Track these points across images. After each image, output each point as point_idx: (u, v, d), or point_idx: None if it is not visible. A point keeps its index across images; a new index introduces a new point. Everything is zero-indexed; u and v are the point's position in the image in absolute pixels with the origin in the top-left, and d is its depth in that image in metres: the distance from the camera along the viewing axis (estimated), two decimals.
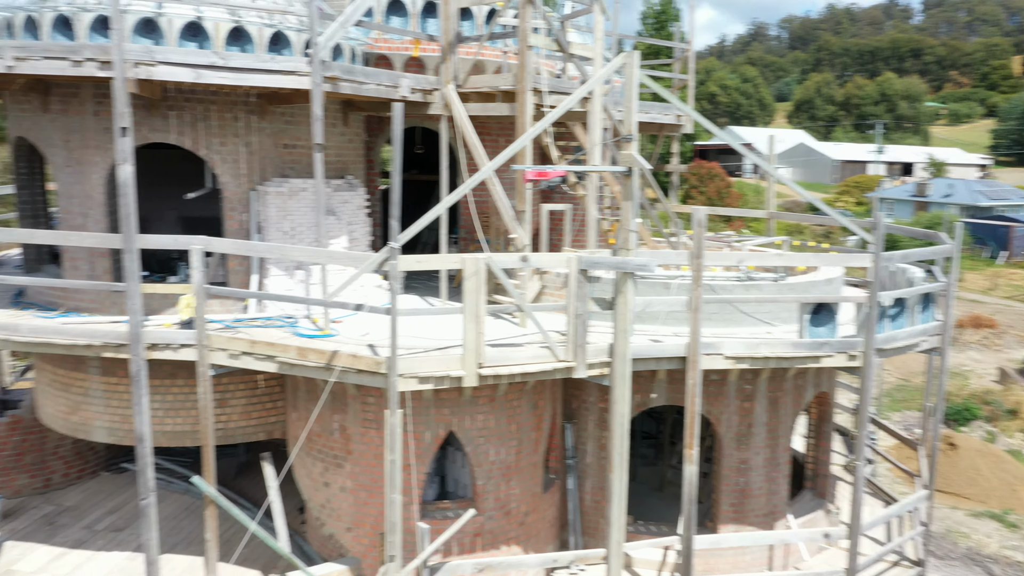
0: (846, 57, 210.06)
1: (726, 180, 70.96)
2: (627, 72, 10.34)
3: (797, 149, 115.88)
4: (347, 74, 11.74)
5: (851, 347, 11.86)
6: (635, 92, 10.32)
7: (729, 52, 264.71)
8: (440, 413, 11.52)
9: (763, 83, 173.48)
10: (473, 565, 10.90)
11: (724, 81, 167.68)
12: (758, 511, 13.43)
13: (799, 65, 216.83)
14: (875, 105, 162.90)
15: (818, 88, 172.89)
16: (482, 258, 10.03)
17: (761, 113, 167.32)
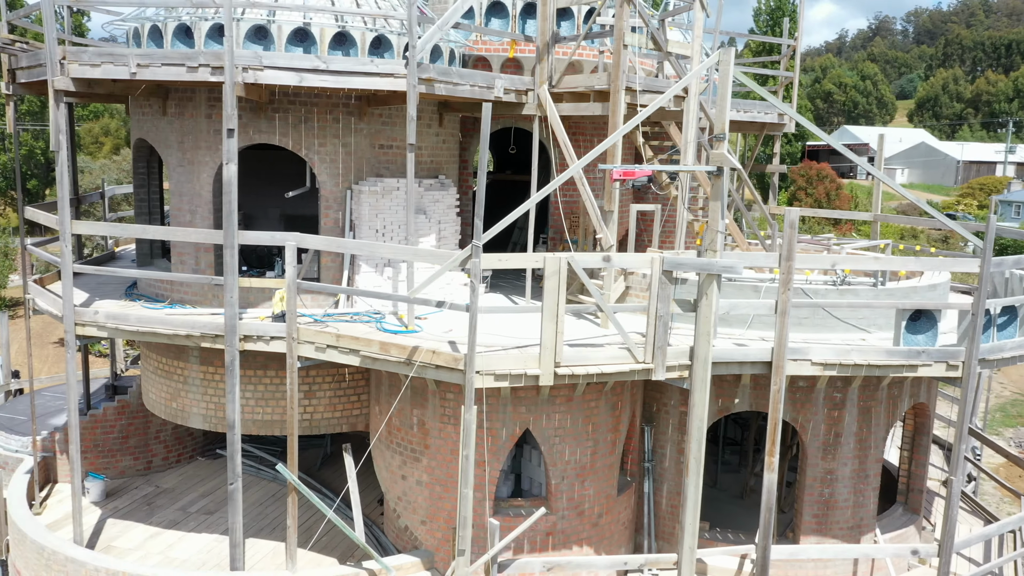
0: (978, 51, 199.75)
1: (836, 182, 68.69)
2: (722, 70, 10.25)
3: (917, 149, 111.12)
4: (443, 76, 12.03)
5: (951, 357, 11.42)
6: (728, 90, 10.23)
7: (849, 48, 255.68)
8: (517, 411, 11.68)
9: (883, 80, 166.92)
10: (542, 563, 11.04)
11: (841, 79, 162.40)
12: (843, 524, 13.08)
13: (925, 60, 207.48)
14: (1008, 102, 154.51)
15: (944, 84, 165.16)
16: (563, 257, 10.14)
17: (880, 112, 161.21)
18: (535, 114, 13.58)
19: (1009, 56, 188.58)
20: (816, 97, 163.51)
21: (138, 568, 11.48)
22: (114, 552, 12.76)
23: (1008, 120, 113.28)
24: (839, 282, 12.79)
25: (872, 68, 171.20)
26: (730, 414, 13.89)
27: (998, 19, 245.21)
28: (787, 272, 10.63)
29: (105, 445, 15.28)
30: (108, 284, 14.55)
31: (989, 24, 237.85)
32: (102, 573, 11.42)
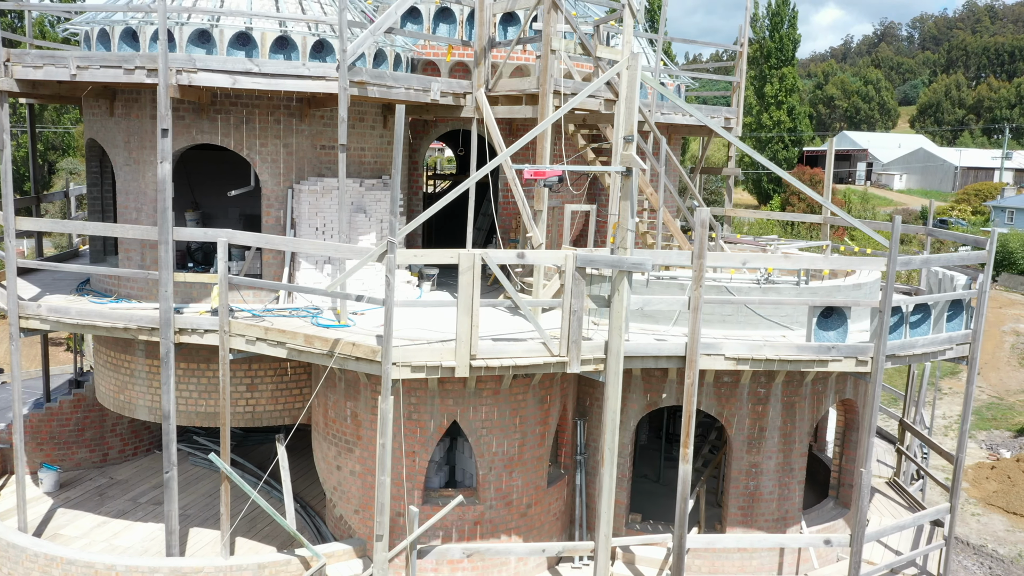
0: (982, 57, 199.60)
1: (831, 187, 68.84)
2: (629, 75, 10.65)
3: (915, 155, 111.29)
4: (375, 79, 12.46)
5: (861, 352, 11.79)
6: (636, 93, 10.62)
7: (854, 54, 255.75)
8: (444, 403, 12.08)
9: (886, 86, 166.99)
10: (461, 549, 11.43)
11: (844, 84, 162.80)
12: (768, 516, 13.44)
13: (929, 66, 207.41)
14: (1010, 109, 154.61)
15: (946, 90, 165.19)
16: (477, 253, 10.54)
17: (882, 117, 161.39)
18: (473, 116, 13.99)
19: (1013, 62, 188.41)
20: (819, 102, 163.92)
21: (76, 554, 11.88)
22: (60, 540, 13.19)
23: (1005, 126, 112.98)
24: (763, 280, 13.17)
25: (875, 74, 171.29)
26: (678, 409, 14.26)
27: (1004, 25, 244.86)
28: (699, 270, 11.02)
29: (61, 437, 15.72)
30: (64, 280, 15.01)
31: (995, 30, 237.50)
32: (41, 559, 11.83)
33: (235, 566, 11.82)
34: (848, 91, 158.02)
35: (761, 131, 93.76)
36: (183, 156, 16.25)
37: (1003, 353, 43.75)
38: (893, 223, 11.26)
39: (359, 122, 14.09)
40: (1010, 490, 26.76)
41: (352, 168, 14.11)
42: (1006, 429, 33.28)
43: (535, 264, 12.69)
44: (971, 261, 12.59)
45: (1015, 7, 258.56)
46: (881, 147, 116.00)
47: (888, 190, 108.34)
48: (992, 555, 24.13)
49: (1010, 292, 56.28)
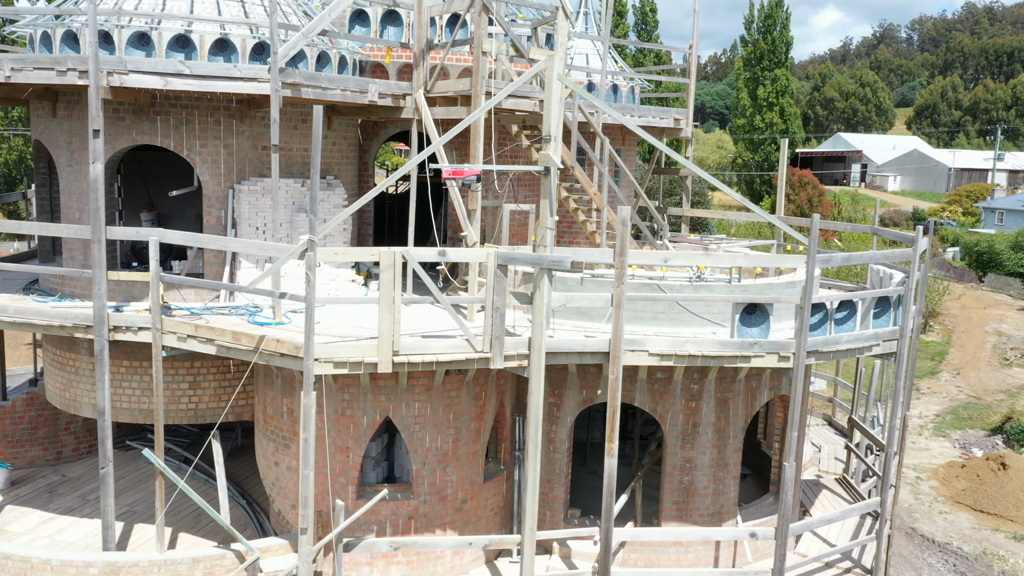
0: (980, 59, 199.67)
1: (818, 188, 69.07)
2: (548, 76, 10.84)
3: (910, 156, 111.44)
4: (310, 80, 12.67)
5: (783, 348, 11.97)
6: (554, 94, 10.81)
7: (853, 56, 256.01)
8: (377, 399, 12.27)
9: (883, 87, 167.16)
10: (388, 543, 11.61)
11: (841, 86, 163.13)
12: (703, 510, 13.62)
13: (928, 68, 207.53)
14: (1006, 110, 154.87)
15: (943, 92, 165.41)
16: (397, 251, 10.73)
17: (879, 119, 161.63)
18: (413, 118, 14.19)
19: (1011, 64, 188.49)
20: (816, 104, 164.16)
21: (12, 549, 12.03)
22: (4, 536, 13.38)
23: (997, 128, 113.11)
24: (695, 279, 13.35)
25: (871, 75, 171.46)
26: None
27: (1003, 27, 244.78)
28: (620, 267, 11.21)
29: (15, 435, 15.93)
30: (14, 280, 15.21)
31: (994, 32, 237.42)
32: None
33: (169, 560, 11.99)
34: (845, 93, 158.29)
35: (754, 132, 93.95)
36: (138, 157, 16.51)
37: (984, 353, 43.90)
38: (812, 220, 11.44)
39: (302, 123, 14.30)
40: (978, 488, 26.89)
41: (296, 169, 14.33)
42: (980, 428, 33.41)
43: (470, 262, 12.87)
44: (896, 259, 12.76)
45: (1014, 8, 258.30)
46: (875, 149, 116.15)
47: (882, 191, 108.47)
48: (957, 552, 24.26)
49: (996, 293, 56.43)
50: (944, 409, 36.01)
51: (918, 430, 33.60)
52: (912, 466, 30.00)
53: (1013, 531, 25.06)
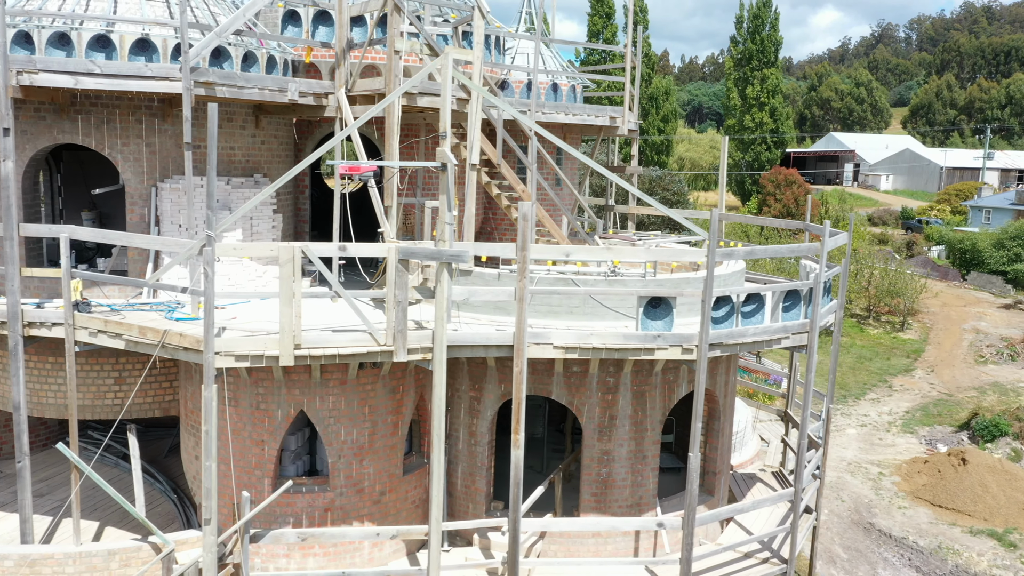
0: (977, 58, 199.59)
1: (804, 187, 69.14)
2: (443, 74, 11.02)
3: (902, 155, 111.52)
4: (224, 80, 12.85)
5: (686, 341, 12.13)
6: (448, 92, 10.99)
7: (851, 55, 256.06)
8: (291, 393, 12.46)
9: (879, 87, 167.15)
10: (296, 534, 11.77)
11: (837, 86, 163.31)
12: (621, 502, 13.77)
13: (925, 67, 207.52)
14: (1000, 109, 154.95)
15: (938, 91, 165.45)
16: (296, 246, 10.91)
17: (875, 119, 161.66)
18: (336, 116, 14.37)
19: (1008, 63, 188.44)
20: (812, 104, 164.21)
21: None
22: None
23: (987, 127, 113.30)
24: (610, 273, 13.52)
25: (866, 75, 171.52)
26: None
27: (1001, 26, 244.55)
28: (523, 261, 11.37)
29: None
30: None
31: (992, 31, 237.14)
32: None
33: (85, 553, 12.18)
34: (841, 93, 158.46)
35: (744, 132, 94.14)
36: (79, 157, 16.71)
37: (960, 351, 44.01)
38: (712, 215, 11.60)
39: (227, 122, 14.49)
40: (938, 483, 27.00)
41: (221, 167, 14.52)
42: (949, 425, 33.51)
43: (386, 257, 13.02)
44: (802, 253, 12.92)
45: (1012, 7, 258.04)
46: (868, 148, 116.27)
47: (875, 191, 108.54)
48: (912, 547, 24.40)
49: (978, 291, 56.49)
50: (915, 406, 36.12)
51: (886, 426, 33.74)
52: (876, 462, 30.16)
53: (970, 525, 25.19)
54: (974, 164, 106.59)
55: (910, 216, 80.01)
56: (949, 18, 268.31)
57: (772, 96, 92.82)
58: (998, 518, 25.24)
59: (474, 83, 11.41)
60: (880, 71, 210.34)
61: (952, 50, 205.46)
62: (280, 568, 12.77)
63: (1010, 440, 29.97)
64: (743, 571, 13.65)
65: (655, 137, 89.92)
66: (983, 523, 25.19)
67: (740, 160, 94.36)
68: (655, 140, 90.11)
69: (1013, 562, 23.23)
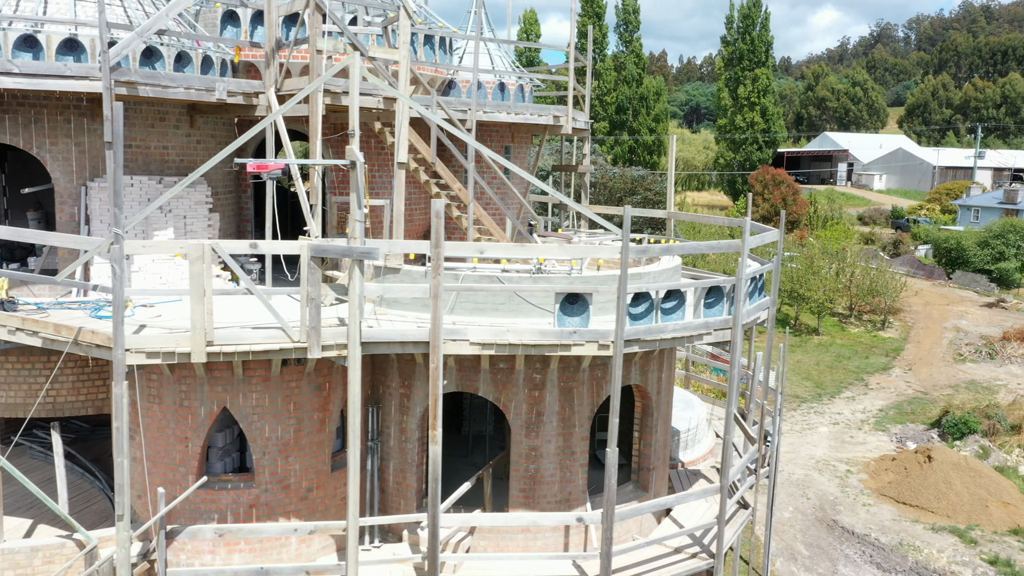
0: (974, 57, 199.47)
1: (792, 187, 69.14)
2: (352, 74, 11.09)
3: (895, 155, 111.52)
4: (148, 79, 12.93)
5: (602, 336, 12.18)
6: (356, 91, 11.06)
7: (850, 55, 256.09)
8: (213, 390, 12.53)
9: (875, 87, 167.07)
10: (213, 529, 11.84)
11: (834, 86, 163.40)
12: (550, 497, 13.83)
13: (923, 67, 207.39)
14: (996, 108, 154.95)
15: (934, 91, 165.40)
16: (206, 244, 10.98)
17: (871, 118, 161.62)
18: (265, 115, 14.43)
19: (1005, 62, 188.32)
20: (809, 104, 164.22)
21: None
22: None
23: (977, 126, 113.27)
24: (535, 270, 13.58)
25: (863, 75, 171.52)
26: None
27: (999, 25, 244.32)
28: (437, 259, 11.43)
29: None
30: None
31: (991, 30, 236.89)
32: None
33: (7, 550, 12.26)
34: (837, 92, 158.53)
35: (735, 132, 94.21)
36: (22, 157, 16.79)
37: (940, 349, 44.03)
38: (624, 211, 11.66)
39: (160, 121, 14.58)
40: (903, 481, 27.05)
41: (155, 166, 14.60)
42: (921, 422, 33.55)
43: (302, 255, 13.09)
44: (722, 250, 12.97)
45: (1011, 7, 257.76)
46: (862, 147, 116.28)
47: (868, 190, 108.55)
48: (874, 544, 24.46)
49: (962, 289, 56.50)
50: (889, 404, 36.16)
51: (858, 424, 33.77)
52: (845, 460, 30.21)
53: (932, 522, 25.25)
54: (966, 163, 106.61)
55: (900, 215, 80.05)
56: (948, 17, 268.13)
57: (763, 96, 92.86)
58: (961, 515, 25.29)
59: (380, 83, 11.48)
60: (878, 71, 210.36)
61: (950, 49, 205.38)
62: (205, 564, 12.83)
63: (979, 438, 30.00)
64: (671, 565, 13.71)
65: (647, 137, 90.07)
66: (946, 520, 25.25)
67: (732, 160, 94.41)
68: (647, 140, 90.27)
69: (972, 558, 23.28)
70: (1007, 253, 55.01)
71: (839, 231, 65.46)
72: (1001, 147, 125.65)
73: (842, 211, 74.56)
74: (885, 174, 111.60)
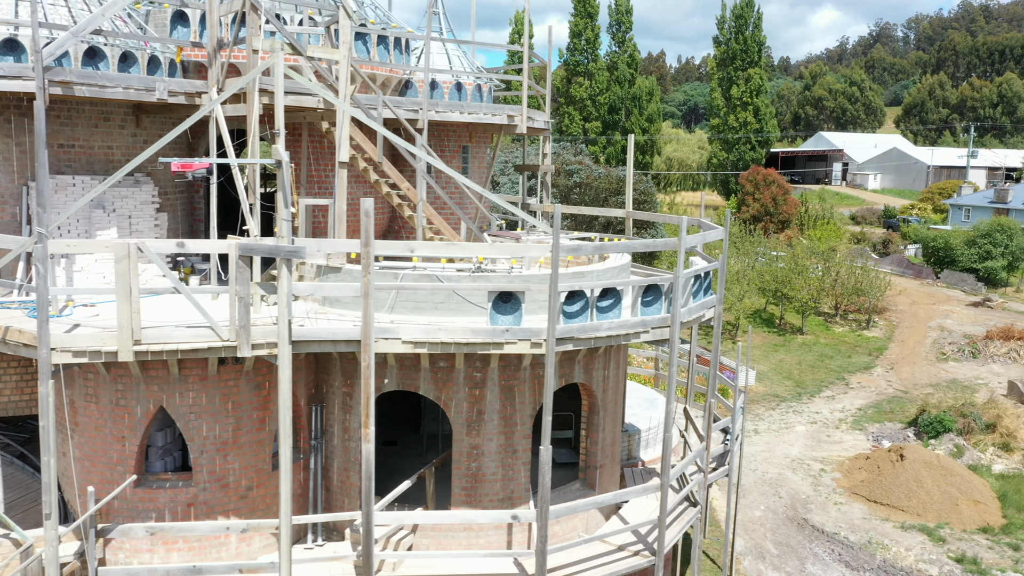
0: (972, 57, 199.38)
1: (783, 187, 69.12)
2: (275, 72, 11.10)
3: (889, 154, 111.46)
4: (84, 79, 12.95)
5: (535, 335, 12.19)
6: (280, 90, 11.07)
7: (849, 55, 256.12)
8: (150, 389, 12.54)
9: (872, 87, 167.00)
10: (145, 528, 11.85)
11: (831, 85, 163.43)
12: (492, 496, 13.83)
13: (921, 66, 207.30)
14: (992, 108, 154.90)
15: (930, 90, 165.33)
16: (132, 243, 11.00)
17: (868, 117, 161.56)
18: (210, 115, 14.43)
19: (1003, 62, 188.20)
20: (806, 104, 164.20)
21: None
22: None
23: (970, 126, 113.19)
24: (474, 270, 13.59)
25: (861, 75, 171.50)
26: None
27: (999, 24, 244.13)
28: (367, 257, 11.43)
29: None
30: None
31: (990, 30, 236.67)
32: None
33: None
34: (834, 92, 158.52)
35: (728, 132, 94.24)
36: None
37: (923, 348, 43.99)
38: (555, 210, 11.66)
39: (104, 121, 14.60)
40: (875, 479, 27.02)
41: (99, 166, 14.62)
42: (899, 421, 33.51)
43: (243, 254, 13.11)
44: (658, 248, 12.97)
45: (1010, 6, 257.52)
46: (856, 147, 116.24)
47: (862, 189, 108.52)
48: (843, 542, 24.41)
49: (950, 289, 56.45)
50: (868, 403, 36.13)
51: (836, 423, 33.74)
52: (820, 459, 30.17)
53: (902, 520, 25.21)
54: (960, 163, 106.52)
55: (892, 215, 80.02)
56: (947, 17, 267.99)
57: (756, 96, 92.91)
58: (931, 513, 25.25)
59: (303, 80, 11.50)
60: (877, 70, 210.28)
61: (948, 49, 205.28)
62: (144, 563, 12.84)
63: (954, 436, 29.96)
64: (613, 563, 13.71)
65: (639, 137, 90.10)
66: (916, 518, 25.21)
67: (725, 160, 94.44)
68: (639, 140, 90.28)
69: (940, 556, 23.25)
70: (994, 252, 54.94)
71: (829, 231, 65.50)
72: (998, 146, 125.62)
73: (833, 211, 74.46)
74: (880, 174, 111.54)
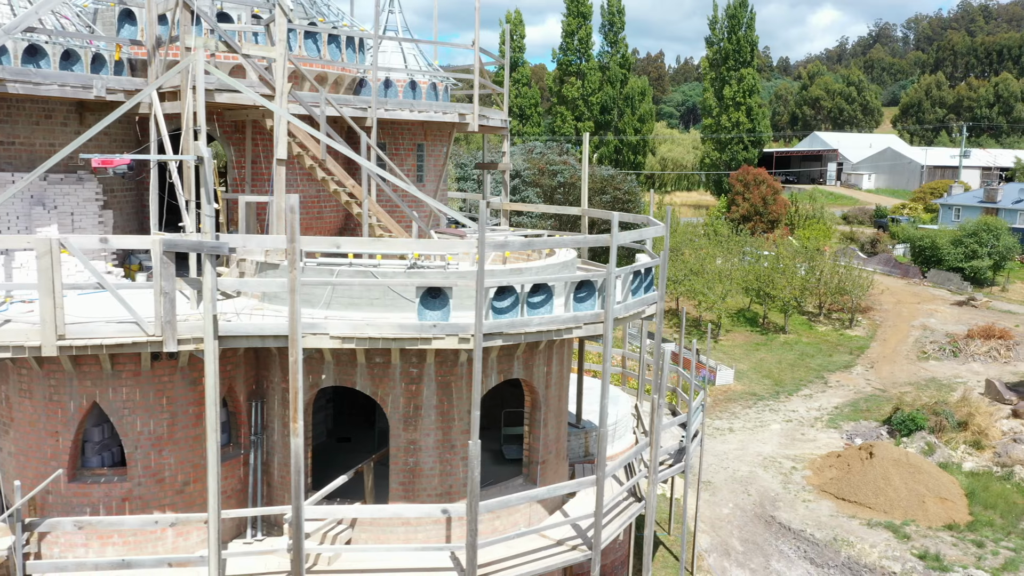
0: (970, 57, 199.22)
1: (772, 186, 69.15)
2: (196, 71, 11.17)
3: (884, 154, 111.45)
4: (17, 76, 13.03)
5: (462, 330, 12.25)
6: (201, 88, 11.14)
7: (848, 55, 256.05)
8: (83, 384, 12.60)
9: (869, 86, 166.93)
10: (72, 522, 11.91)
11: (829, 85, 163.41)
12: (430, 491, 13.88)
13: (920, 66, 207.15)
14: (988, 107, 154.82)
15: (927, 90, 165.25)
16: (53, 239, 11.06)
17: (865, 117, 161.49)
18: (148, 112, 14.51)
19: (1001, 61, 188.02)
20: (803, 104, 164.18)
21: None
22: None
23: (962, 126, 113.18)
24: (410, 266, 13.65)
25: (858, 74, 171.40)
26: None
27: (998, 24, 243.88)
28: (292, 253, 11.50)
29: None
30: None
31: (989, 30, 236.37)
32: None
33: None
34: (832, 92, 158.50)
35: (720, 132, 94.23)
36: None
37: (905, 347, 44.00)
38: (480, 207, 11.71)
39: (46, 119, 14.68)
40: (844, 477, 27.05)
41: (39, 163, 14.66)
42: (874, 420, 33.53)
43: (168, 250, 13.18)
44: (589, 244, 13.04)
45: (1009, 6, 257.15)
46: (851, 147, 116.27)
47: (857, 189, 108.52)
48: (809, 539, 24.44)
49: (936, 288, 56.45)
50: (845, 402, 36.15)
51: (811, 422, 33.76)
52: (792, 456, 30.20)
53: (868, 518, 25.24)
54: (954, 163, 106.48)
55: (883, 214, 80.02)
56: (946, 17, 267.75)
57: (749, 96, 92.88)
58: (898, 510, 25.28)
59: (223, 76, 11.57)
60: (875, 70, 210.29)
61: (946, 49, 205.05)
62: (79, 557, 12.90)
63: (926, 434, 29.98)
64: (550, 557, 13.76)
65: (632, 137, 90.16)
66: (883, 515, 25.25)
67: (718, 160, 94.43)
68: (631, 140, 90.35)
69: (903, 553, 23.28)
70: (980, 251, 54.91)
71: (819, 230, 65.55)
72: (994, 146, 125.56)
73: (823, 210, 74.46)
74: (874, 173, 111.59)
